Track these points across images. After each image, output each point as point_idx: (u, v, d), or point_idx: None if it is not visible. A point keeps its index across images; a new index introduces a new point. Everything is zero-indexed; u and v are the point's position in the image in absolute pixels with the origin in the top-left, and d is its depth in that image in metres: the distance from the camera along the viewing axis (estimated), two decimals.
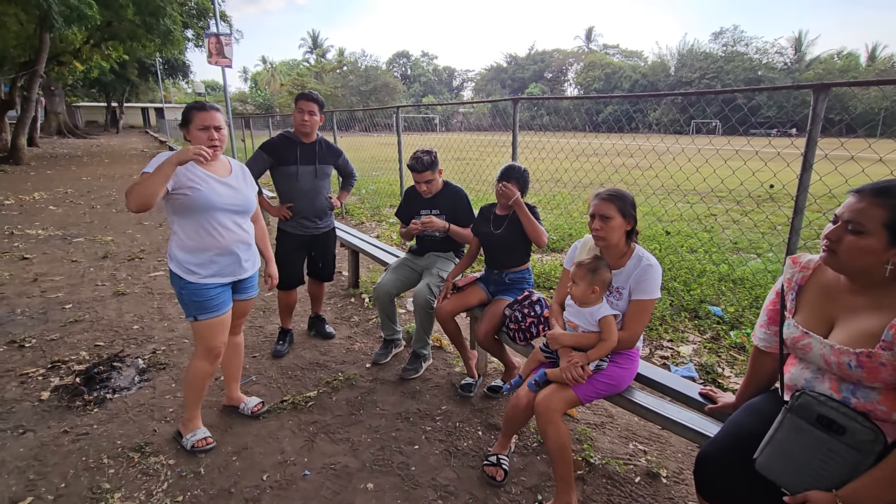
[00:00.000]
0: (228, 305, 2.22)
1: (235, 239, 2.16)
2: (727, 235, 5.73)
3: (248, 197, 2.24)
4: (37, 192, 9.99)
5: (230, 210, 2.14)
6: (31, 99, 15.54)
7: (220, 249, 2.11)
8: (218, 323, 2.18)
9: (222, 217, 2.11)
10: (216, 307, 2.15)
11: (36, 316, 3.80)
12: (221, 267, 2.14)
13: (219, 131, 2.11)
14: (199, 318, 2.13)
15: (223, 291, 2.18)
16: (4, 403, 2.62)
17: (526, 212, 2.49)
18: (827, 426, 1.21)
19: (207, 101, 2.15)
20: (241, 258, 2.21)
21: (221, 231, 2.10)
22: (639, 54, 65.32)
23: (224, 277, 2.17)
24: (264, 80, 64.21)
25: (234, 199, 2.15)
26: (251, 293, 2.38)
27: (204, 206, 2.05)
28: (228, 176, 2.20)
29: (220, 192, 2.11)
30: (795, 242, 2.55)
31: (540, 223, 2.54)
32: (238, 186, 2.21)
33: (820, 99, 2.34)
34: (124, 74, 30.60)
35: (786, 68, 47.69)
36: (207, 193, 2.06)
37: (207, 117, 2.08)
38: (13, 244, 5.92)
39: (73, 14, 11.48)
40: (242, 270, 2.24)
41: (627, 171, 5.48)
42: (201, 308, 2.12)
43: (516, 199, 2.50)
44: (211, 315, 2.14)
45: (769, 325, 1.52)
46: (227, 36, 10.90)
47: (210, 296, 2.12)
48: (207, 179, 2.09)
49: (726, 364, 3.06)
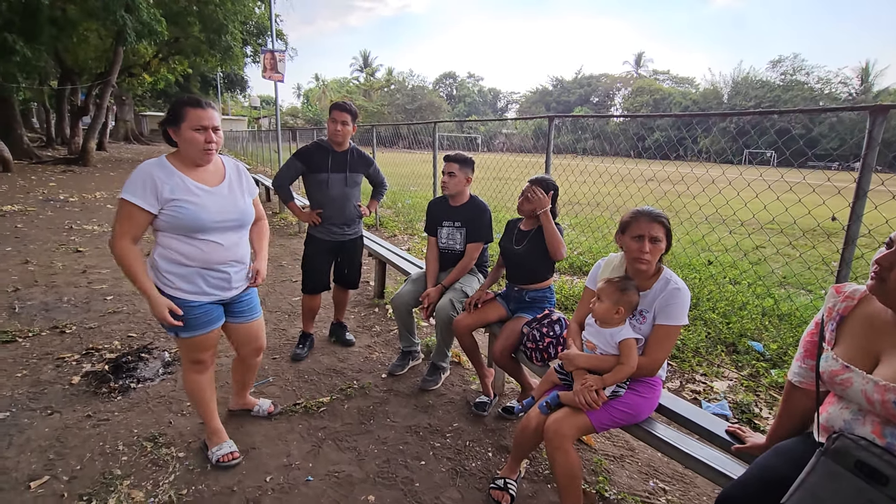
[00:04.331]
0: (216, 324, 2.02)
1: (227, 256, 1.94)
2: (774, 268, 5.39)
3: (243, 208, 1.98)
4: (98, 191, 10.70)
5: (222, 228, 1.90)
6: (103, 107, 16.84)
7: (206, 265, 1.89)
8: (201, 341, 2.00)
9: (212, 235, 1.88)
10: (199, 326, 1.95)
11: (80, 305, 4.01)
12: (207, 284, 1.93)
13: (216, 132, 1.86)
14: (180, 335, 1.94)
15: (211, 309, 1.98)
16: (39, 384, 2.76)
17: (550, 221, 2.40)
18: (868, 475, 1.07)
19: (203, 97, 1.93)
20: (232, 277, 1.99)
21: (209, 249, 1.88)
22: (690, 80, 63.82)
23: (209, 296, 1.95)
24: (316, 96, 66.98)
25: (225, 213, 1.90)
26: (251, 315, 2.17)
27: (190, 227, 1.82)
28: (221, 183, 1.94)
29: (210, 207, 1.86)
30: (846, 275, 2.35)
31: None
32: (232, 196, 1.95)
33: (877, 122, 2.17)
34: (188, 87, 32.68)
35: (850, 99, 45.27)
36: (195, 211, 1.82)
37: (205, 116, 1.81)
38: (70, 237, 6.33)
39: (144, 30, 12.43)
40: (232, 290, 2.02)
41: (677, 195, 5.30)
42: (182, 326, 1.90)
43: (545, 212, 2.42)
44: (193, 334, 1.95)
45: (805, 359, 1.38)
46: (282, 52, 11.49)
47: (193, 314, 1.92)
48: (196, 192, 1.84)
49: (764, 404, 2.84)
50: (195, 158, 1.88)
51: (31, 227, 6.85)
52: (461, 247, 2.96)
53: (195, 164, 1.90)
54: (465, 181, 2.92)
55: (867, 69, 46.45)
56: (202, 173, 1.91)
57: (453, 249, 2.98)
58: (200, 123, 1.81)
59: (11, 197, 9.23)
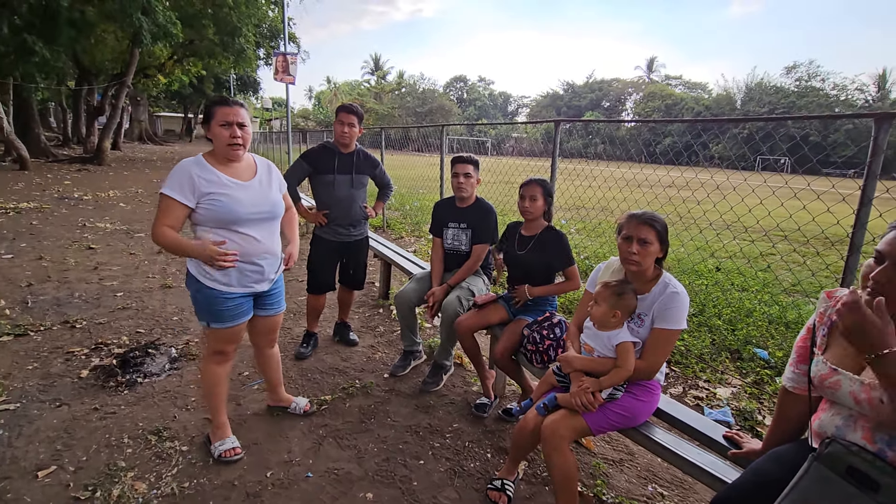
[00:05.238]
0: (246, 316, 2.13)
1: (261, 249, 2.03)
2: (780, 275, 5.34)
3: (276, 201, 2.09)
4: (112, 190, 10.87)
5: (255, 219, 2.00)
6: (119, 107, 17.13)
7: (242, 258, 1.98)
8: (231, 332, 2.10)
9: (247, 227, 1.98)
10: (232, 318, 2.05)
11: (90, 300, 4.08)
12: (242, 276, 2.02)
13: (242, 128, 1.95)
14: (211, 326, 2.05)
15: (243, 302, 2.08)
16: (49, 377, 2.82)
17: (548, 290, 2.58)
18: (859, 480, 1.07)
19: (231, 97, 2.02)
20: (265, 270, 2.08)
21: (245, 241, 1.97)
22: (703, 86, 63.18)
23: (244, 288, 2.05)
24: (327, 98, 67.50)
25: (258, 206, 2.00)
26: (277, 308, 2.27)
27: (226, 219, 1.92)
28: (253, 178, 2.05)
29: (244, 199, 1.96)
30: (850, 282, 2.33)
31: (568, 251, 2.53)
32: (263, 190, 2.06)
33: (882, 129, 2.16)
34: (201, 88, 33.14)
35: (867, 106, 44.58)
36: (229, 204, 1.92)
37: (230, 112, 1.92)
38: (83, 235, 6.45)
39: (160, 32, 12.65)
40: (265, 282, 2.11)
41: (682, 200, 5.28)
42: (215, 317, 2.02)
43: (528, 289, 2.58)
44: (224, 325, 2.05)
45: (798, 364, 1.38)
46: (294, 55, 11.64)
47: (227, 306, 2.02)
48: (230, 186, 1.95)
49: (767, 412, 2.81)
50: (224, 153, 1.98)
51: (46, 223, 6.99)
52: (466, 248, 2.98)
53: (227, 159, 2.00)
54: (477, 182, 2.95)
55: (884, 76, 45.76)
56: (235, 169, 2.02)
57: (458, 250, 3.01)
58: (226, 119, 1.92)
59: (28, 194, 9.42)
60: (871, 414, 1.12)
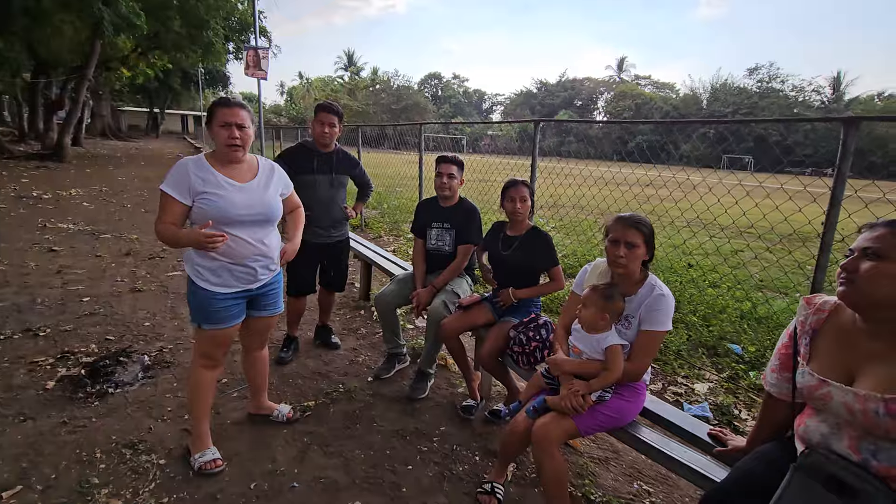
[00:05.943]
0: (237, 319, 2.12)
1: (252, 252, 2.02)
2: (752, 272, 5.53)
3: (271, 204, 2.07)
4: (74, 188, 10.39)
5: (247, 221, 1.99)
6: (79, 101, 16.37)
7: (233, 260, 1.99)
8: (222, 335, 2.09)
9: (237, 229, 1.97)
10: (223, 319, 2.05)
11: (54, 306, 3.89)
12: (234, 277, 2.02)
13: (241, 129, 1.96)
14: (203, 327, 2.05)
15: (235, 305, 2.08)
16: (10, 390, 2.66)
17: (533, 291, 2.58)
18: (839, 488, 1.11)
19: (234, 98, 2.03)
20: (257, 271, 2.08)
21: (235, 243, 1.96)
22: (671, 86, 64.95)
23: (234, 288, 2.04)
24: (300, 94, 66.23)
25: (251, 208, 1.99)
26: (273, 310, 2.26)
27: (216, 219, 1.91)
28: (251, 180, 2.05)
29: (238, 201, 1.96)
30: (821, 281, 2.42)
31: (553, 251, 2.53)
32: (259, 192, 2.04)
33: (850, 133, 2.25)
34: (168, 83, 31.97)
35: (823, 107, 46.64)
36: (222, 204, 1.93)
37: (229, 113, 1.93)
38: (44, 236, 6.13)
39: (122, 23, 12.11)
40: (256, 283, 2.11)
41: (659, 200, 5.39)
42: (207, 317, 2.03)
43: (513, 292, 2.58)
44: (216, 326, 2.05)
45: (781, 371, 1.41)
46: (265, 50, 11.30)
47: (219, 307, 2.02)
48: (225, 187, 1.96)
49: (744, 406, 2.90)
50: (223, 153, 1.99)
51: (2, 224, 6.62)
52: (450, 248, 2.96)
53: (227, 160, 2.00)
54: (460, 184, 2.94)
55: (839, 78, 47.95)
56: (235, 170, 2.02)
57: (442, 251, 2.98)
58: (225, 120, 1.94)
59: None
60: (866, 425, 1.15)
